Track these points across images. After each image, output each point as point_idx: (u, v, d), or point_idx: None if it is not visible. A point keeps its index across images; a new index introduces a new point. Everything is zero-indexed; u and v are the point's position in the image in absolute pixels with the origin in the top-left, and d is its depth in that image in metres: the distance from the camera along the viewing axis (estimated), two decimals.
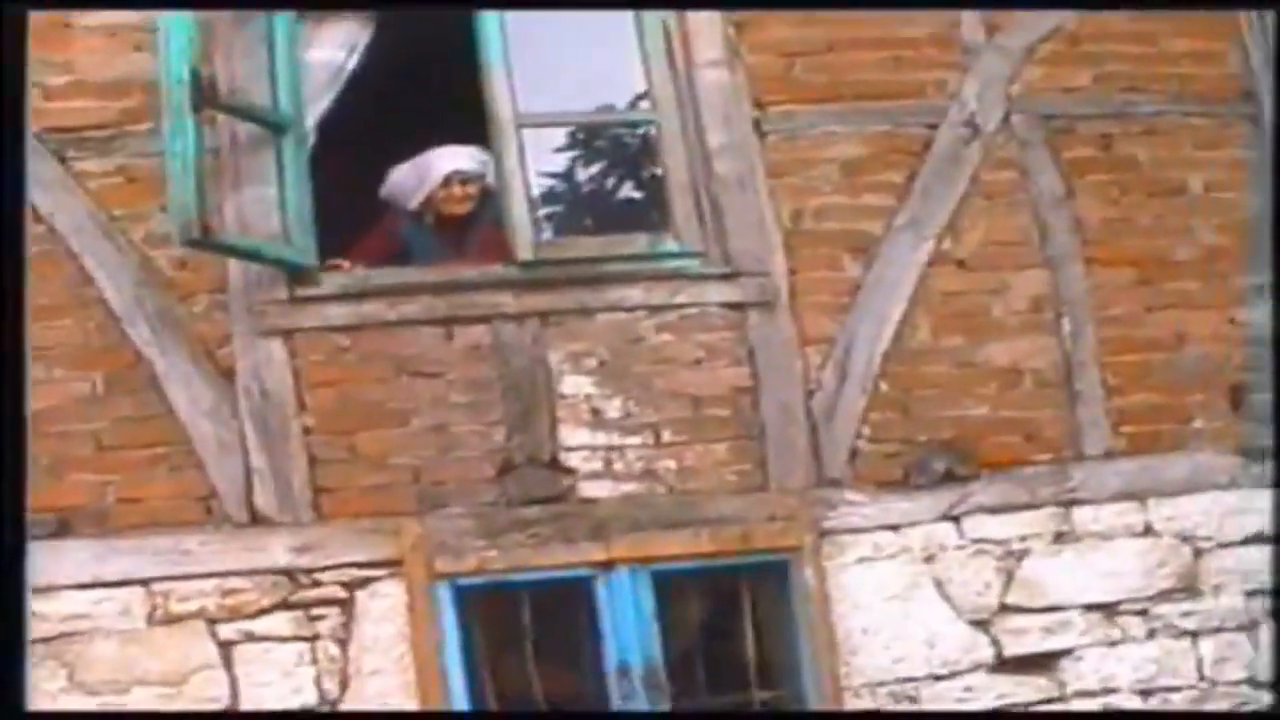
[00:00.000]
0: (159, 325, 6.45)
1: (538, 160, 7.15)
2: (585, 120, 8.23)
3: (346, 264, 6.87)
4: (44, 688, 6.16)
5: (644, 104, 7.27)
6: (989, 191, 7.16)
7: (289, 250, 6.56)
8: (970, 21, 7.29)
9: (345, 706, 6.34)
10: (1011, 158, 7.21)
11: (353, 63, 6.98)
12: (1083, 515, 6.96)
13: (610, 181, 8.95)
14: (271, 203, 6.59)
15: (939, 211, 7.08)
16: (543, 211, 7.76)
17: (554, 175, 8.69)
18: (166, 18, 6.16)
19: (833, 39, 7.17)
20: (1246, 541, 7.07)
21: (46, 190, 6.47)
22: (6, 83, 5.72)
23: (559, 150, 8.72)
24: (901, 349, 6.95)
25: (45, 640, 6.19)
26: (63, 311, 6.44)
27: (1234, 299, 7.28)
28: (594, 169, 8.96)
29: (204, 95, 6.20)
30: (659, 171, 7.19)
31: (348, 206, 6.96)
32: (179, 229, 6.14)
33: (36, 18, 6.42)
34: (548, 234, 7.55)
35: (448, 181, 7.37)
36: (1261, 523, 7.08)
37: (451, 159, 7.37)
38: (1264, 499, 7.10)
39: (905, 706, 6.70)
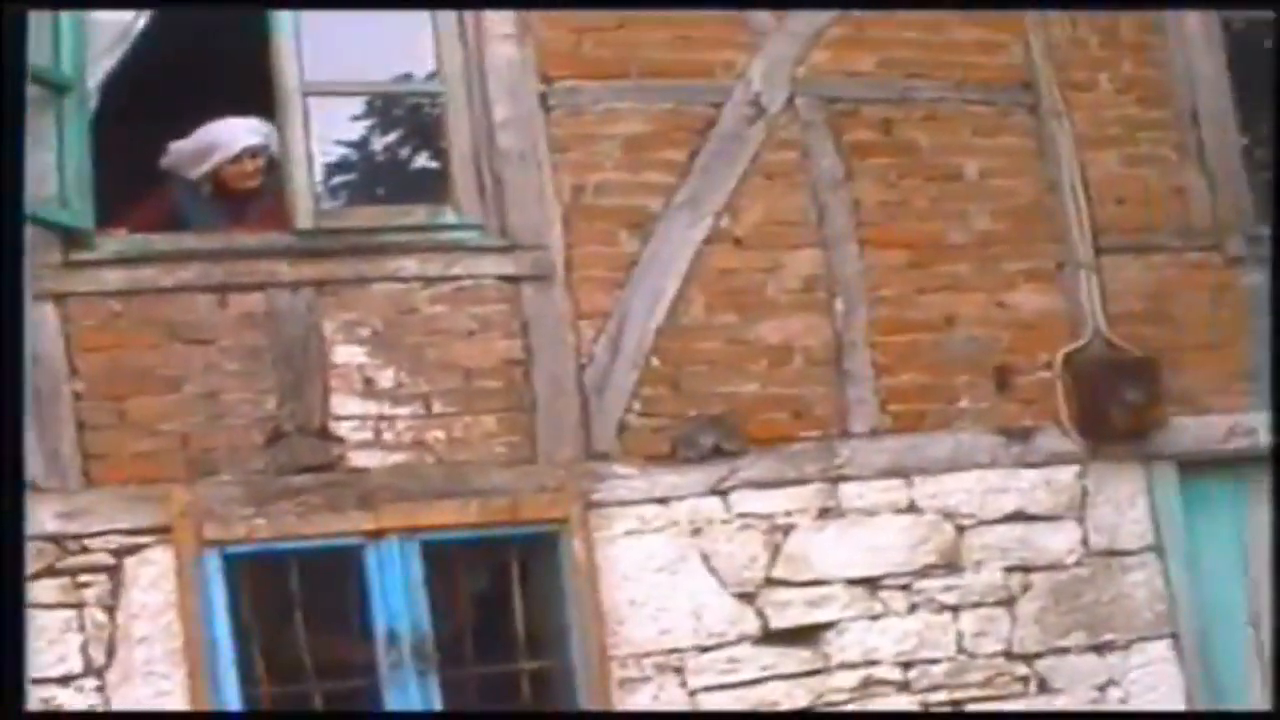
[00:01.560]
0: None
1: (332, 128, 7.12)
2: (369, 90, 8.21)
3: (122, 230, 6.81)
4: None
5: (434, 80, 7.24)
6: (770, 171, 7.25)
7: (65, 213, 6.48)
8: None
9: (112, 674, 6.30)
10: (794, 139, 7.30)
11: (139, 24, 6.90)
12: (848, 491, 7.09)
13: (405, 151, 8.91)
14: (49, 165, 6.48)
15: (719, 190, 7.16)
16: (336, 180, 7.74)
17: (348, 144, 8.65)
18: None
19: (624, 16, 7.20)
20: (1006, 519, 7.26)
21: None
22: (7, 83, 5.62)
23: (355, 119, 8.68)
24: (675, 325, 7.02)
25: None
26: None
27: (1004, 283, 7.45)
28: (389, 138, 8.91)
29: None
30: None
31: (127, 173, 6.87)
32: None
33: None
34: (331, 203, 7.50)
35: (239, 158, 7.32)
36: (1020, 501, 7.28)
37: (243, 135, 7.32)
38: (1023, 478, 7.30)
39: (670, 677, 6.80)
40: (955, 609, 7.15)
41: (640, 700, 6.75)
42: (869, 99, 7.44)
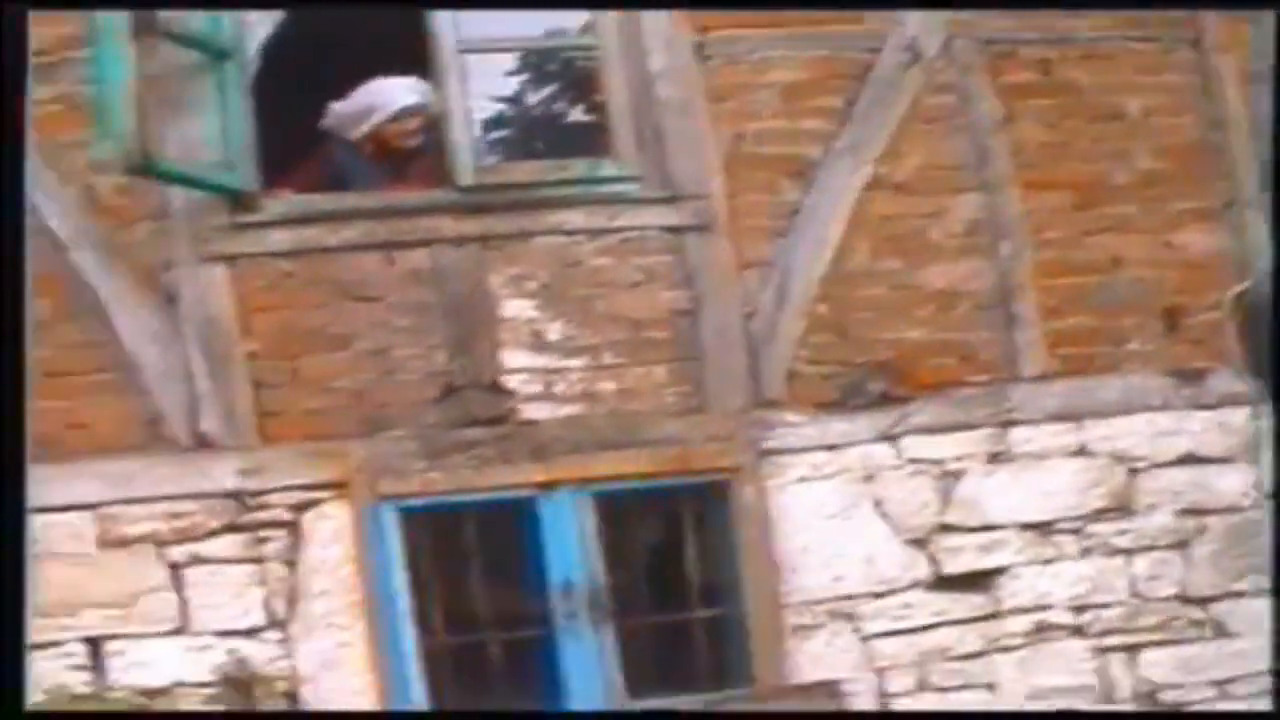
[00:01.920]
0: (103, 252, 6.51)
1: (487, 85, 7.16)
2: (525, 46, 8.24)
3: (287, 191, 6.89)
4: None
5: (588, 34, 7.25)
6: (929, 116, 7.20)
7: (230, 176, 6.60)
8: None
9: (294, 627, 6.44)
10: (951, 83, 7.23)
11: None
12: (1018, 436, 7.05)
13: (560, 105, 8.92)
14: (213, 130, 6.60)
15: (878, 136, 7.12)
16: (491, 136, 7.77)
17: (504, 100, 8.66)
18: None
19: None
20: (1179, 462, 7.18)
21: None
22: (7, 83, 5.73)
23: (510, 74, 8.69)
24: (839, 272, 7.01)
25: None
26: None
27: (1170, 223, 7.34)
28: (544, 93, 8.92)
29: (143, 22, 6.20)
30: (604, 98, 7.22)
31: (288, 135, 6.96)
32: (120, 157, 6.15)
33: None
34: (490, 159, 7.53)
35: (398, 117, 7.37)
36: (1192, 443, 7.19)
37: (401, 94, 7.36)
38: (1195, 420, 7.21)
39: (844, 623, 6.82)
40: (1128, 553, 7.09)
41: (813, 647, 6.79)
42: (1027, 40, 7.34)
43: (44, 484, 6.27)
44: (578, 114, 8.87)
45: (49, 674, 6.25)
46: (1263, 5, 7.42)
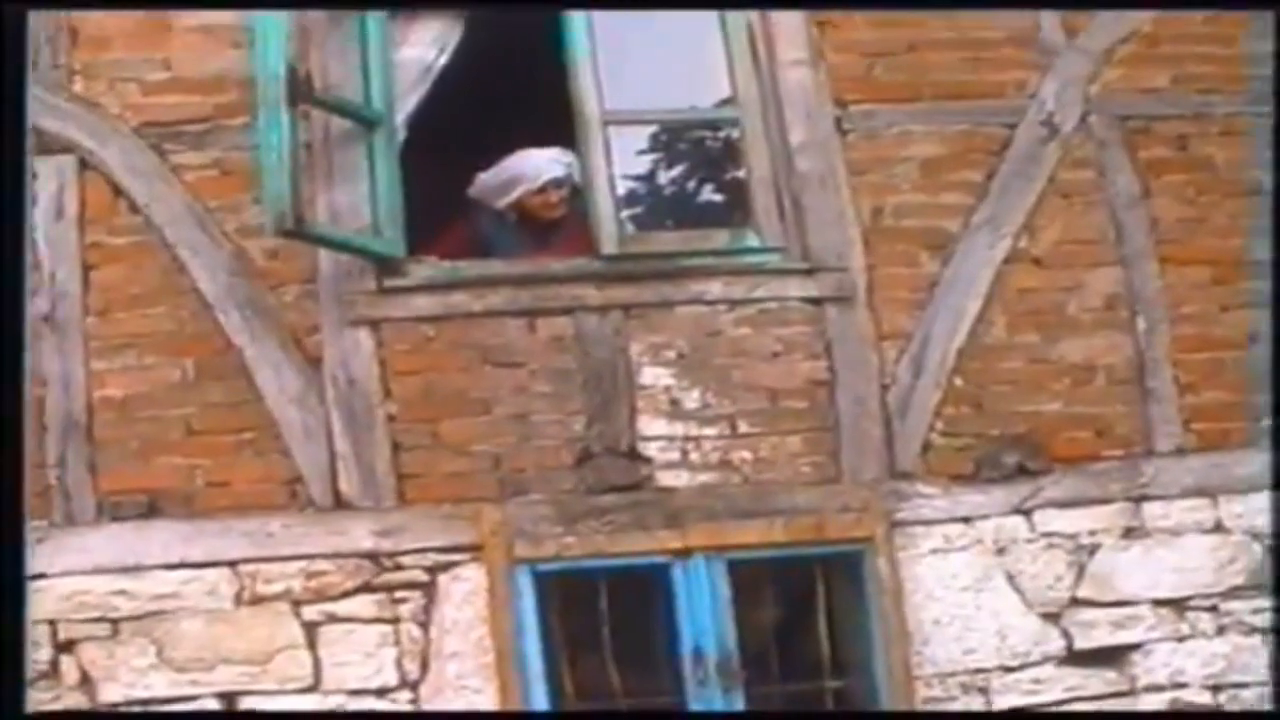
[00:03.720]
0: (250, 314, 6.63)
1: (620, 163, 7.23)
2: (670, 118, 8.30)
3: (433, 257, 6.98)
4: (133, 664, 6.36)
5: (728, 107, 7.32)
6: (1066, 190, 7.21)
7: (378, 242, 6.71)
8: (1050, 22, 7.35)
9: (425, 688, 6.48)
10: (1089, 157, 7.25)
11: (442, 60, 7.12)
12: (1153, 510, 7.00)
13: (691, 185, 8.99)
14: (362, 196, 6.74)
15: (1016, 209, 7.14)
16: (625, 213, 7.83)
17: (636, 178, 8.73)
18: (261, 16, 6.33)
19: (913, 39, 7.26)
20: None
21: (144, 181, 6.68)
22: (7, 83, 5.83)
23: (641, 153, 8.76)
24: (976, 345, 7.01)
25: (134, 618, 6.39)
26: (156, 299, 6.63)
27: None
28: (675, 171, 8.99)
29: (299, 90, 6.36)
30: (740, 174, 7.28)
31: (436, 202, 7.09)
32: (273, 219, 6.30)
33: (135, 18, 6.64)
34: (631, 230, 7.61)
35: (543, 188, 7.48)
36: None
37: (546, 166, 7.47)
38: None
39: (975, 697, 6.77)
40: (1264, 631, 7.00)
41: None
42: (1163, 115, 7.36)
43: (183, 541, 6.45)
44: (708, 192, 8.94)
45: None
46: (1263, 5, 7.40)
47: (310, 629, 6.48)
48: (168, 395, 6.58)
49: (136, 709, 6.36)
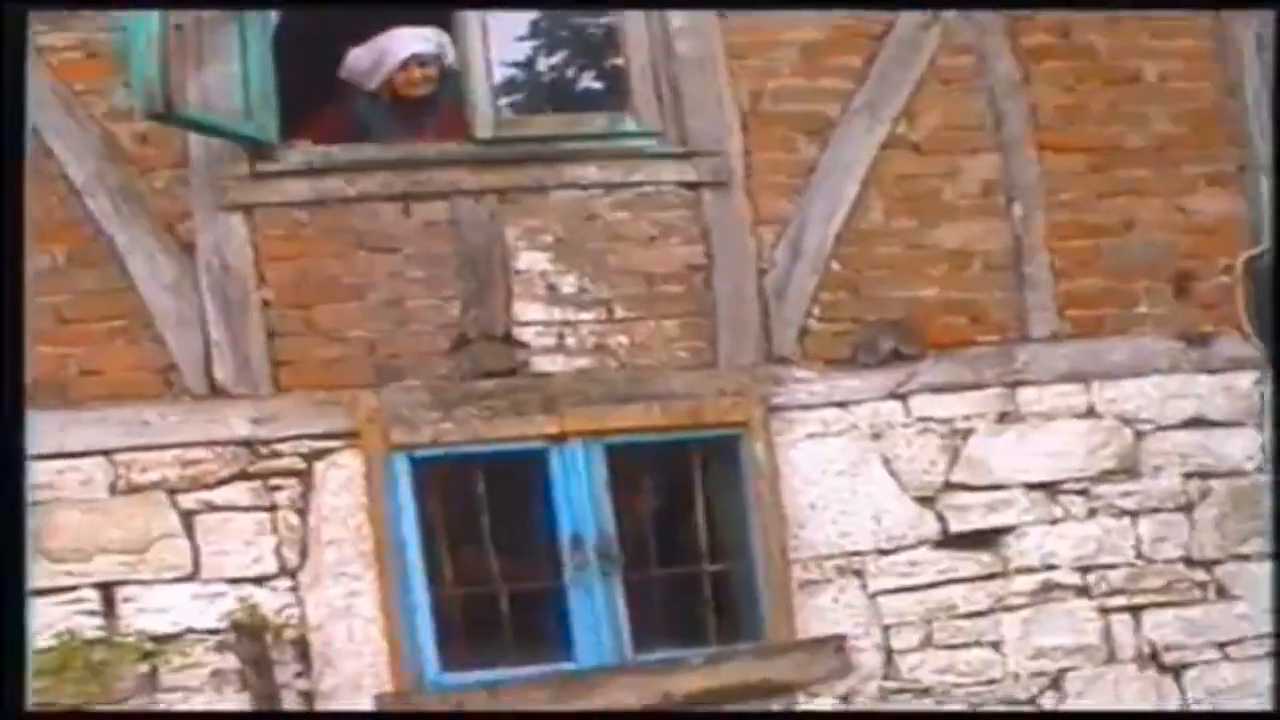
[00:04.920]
0: (120, 200, 6.53)
1: (499, 49, 7.17)
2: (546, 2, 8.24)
3: (306, 142, 6.89)
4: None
5: None
6: (946, 77, 7.21)
7: (250, 126, 6.60)
8: None
9: (304, 575, 6.48)
10: (969, 43, 7.23)
11: None
12: (1027, 396, 7.08)
13: (570, 72, 8.92)
14: (234, 80, 6.59)
15: (895, 95, 7.12)
16: (503, 100, 7.76)
17: (515, 64, 8.66)
18: None
19: None
20: (1186, 425, 7.20)
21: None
22: (7, 83, 5.74)
23: (520, 39, 8.69)
24: (854, 230, 7.02)
25: None
26: None
27: (1184, 187, 7.35)
28: (555, 59, 8.92)
29: None
30: (619, 62, 7.21)
31: (308, 87, 6.98)
32: (142, 103, 6.18)
33: None
34: (508, 115, 7.54)
35: (406, 65, 7.35)
36: (1199, 407, 7.22)
37: (410, 42, 7.35)
38: (1202, 384, 7.23)
39: (851, 580, 6.86)
40: (1134, 514, 7.12)
41: (821, 602, 6.82)
42: (1046, 2, 7.34)
43: (58, 430, 6.37)
44: (588, 80, 8.87)
45: (60, 619, 6.30)
46: (1263, 5, 7.43)
47: (187, 517, 6.46)
48: (38, 283, 6.39)
49: None
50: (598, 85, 8.66)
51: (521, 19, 8.60)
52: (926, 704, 6.86)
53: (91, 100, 6.55)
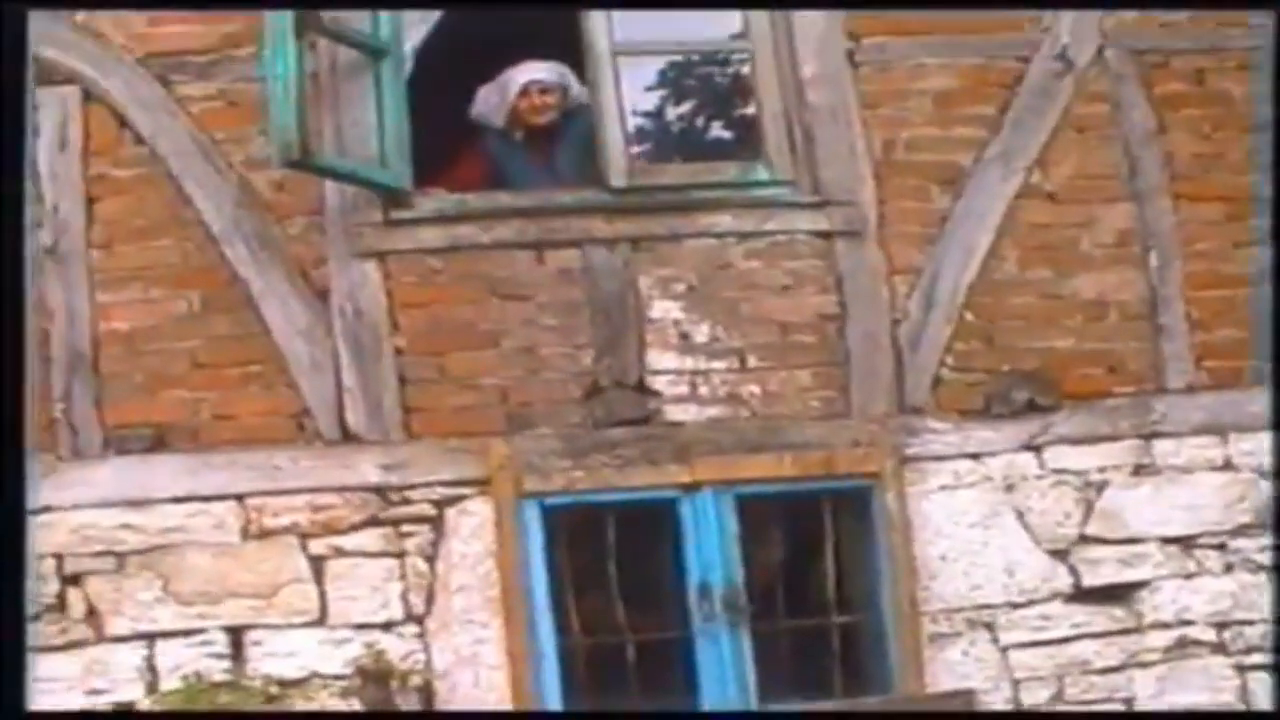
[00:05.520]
0: (256, 246, 6.60)
1: (630, 98, 7.20)
2: (679, 50, 8.25)
3: (440, 189, 6.94)
4: (139, 598, 6.38)
5: (739, 40, 7.28)
6: (1080, 125, 7.15)
7: (385, 173, 6.67)
8: None
9: (431, 622, 6.49)
10: (1103, 92, 7.18)
11: None
12: (1163, 448, 6.98)
13: (700, 121, 8.95)
14: (369, 127, 6.69)
15: (1029, 144, 7.08)
16: (634, 149, 7.80)
17: (645, 114, 8.69)
18: None
19: None
20: None
21: (148, 113, 6.63)
22: (6, 83, 5.80)
23: (650, 89, 8.73)
24: (987, 280, 6.98)
25: (140, 552, 6.40)
26: (162, 232, 6.60)
27: None
28: (685, 107, 8.95)
29: (306, 20, 6.31)
30: (749, 111, 7.25)
31: (443, 133, 7.04)
32: (279, 150, 6.27)
33: None
34: (641, 163, 7.59)
35: (526, 90, 7.41)
36: None
37: (530, 69, 7.43)
38: None
39: (981, 633, 6.78)
40: (1271, 570, 6.98)
41: (950, 656, 6.75)
42: (1180, 49, 7.28)
43: (190, 474, 6.45)
44: (717, 129, 8.89)
45: (189, 661, 6.36)
46: (1263, 5, 7.33)
47: (316, 563, 6.49)
48: (173, 328, 6.56)
49: (143, 642, 6.38)
50: (727, 134, 8.69)
51: (651, 68, 8.65)
52: None
53: (230, 149, 6.63)
